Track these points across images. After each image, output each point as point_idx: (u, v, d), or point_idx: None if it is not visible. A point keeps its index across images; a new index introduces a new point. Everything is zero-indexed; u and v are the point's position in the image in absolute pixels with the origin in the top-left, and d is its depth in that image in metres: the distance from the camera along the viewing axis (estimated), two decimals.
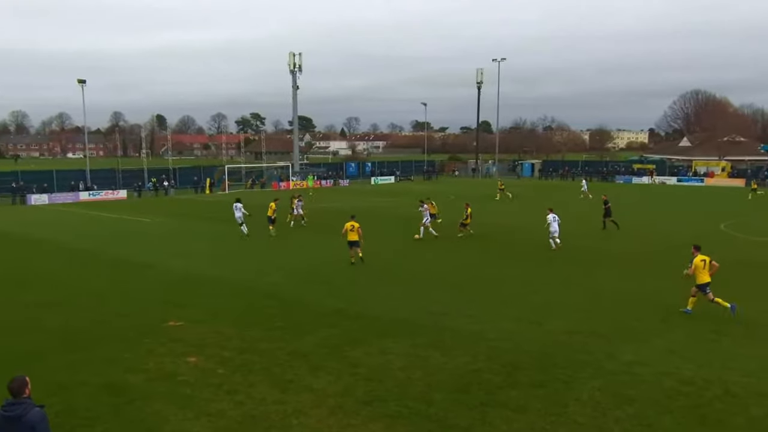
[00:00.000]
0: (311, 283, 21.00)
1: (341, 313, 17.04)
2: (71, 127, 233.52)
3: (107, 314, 17.12)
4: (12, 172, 63.28)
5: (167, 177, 67.91)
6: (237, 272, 22.86)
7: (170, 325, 16.02)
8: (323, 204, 49.84)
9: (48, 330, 15.69)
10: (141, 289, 20.22)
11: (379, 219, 39.25)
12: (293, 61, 78.15)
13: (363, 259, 24.03)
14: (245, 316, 16.85)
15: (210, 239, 31.43)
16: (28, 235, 33.81)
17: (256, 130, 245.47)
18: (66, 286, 20.69)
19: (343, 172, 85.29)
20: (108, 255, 26.87)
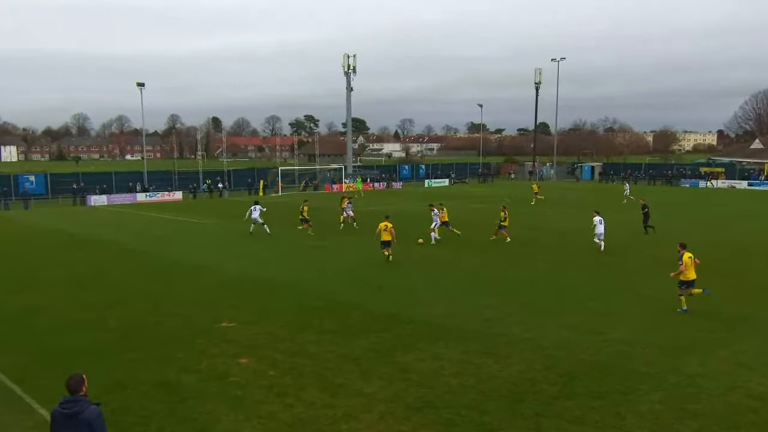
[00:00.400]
0: (362, 286, 21.11)
1: (392, 317, 17.07)
2: (130, 129, 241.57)
3: (162, 314, 17.62)
4: (73, 174, 65.78)
5: (222, 179, 69.39)
6: (288, 274, 23.18)
7: (223, 326, 16.37)
8: (374, 207, 50.02)
9: (108, 329, 16.25)
10: (194, 290, 20.72)
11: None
12: (347, 63, 78.78)
13: (390, 259, 25.23)
14: (296, 318, 17.07)
15: (262, 241, 31.96)
16: (89, 235, 35.07)
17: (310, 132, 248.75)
18: (124, 287, 21.39)
19: (396, 175, 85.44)
20: (163, 256, 27.63)
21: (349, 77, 79.19)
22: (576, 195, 58.61)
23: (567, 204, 51.31)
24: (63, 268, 24.79)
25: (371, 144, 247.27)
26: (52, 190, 60.05)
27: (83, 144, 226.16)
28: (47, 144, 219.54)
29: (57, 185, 60.65)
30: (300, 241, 31.39)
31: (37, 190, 59.31)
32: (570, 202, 52.56)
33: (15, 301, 19.39)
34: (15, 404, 11.54)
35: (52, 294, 20.26)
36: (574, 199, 54.98)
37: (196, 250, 29.47)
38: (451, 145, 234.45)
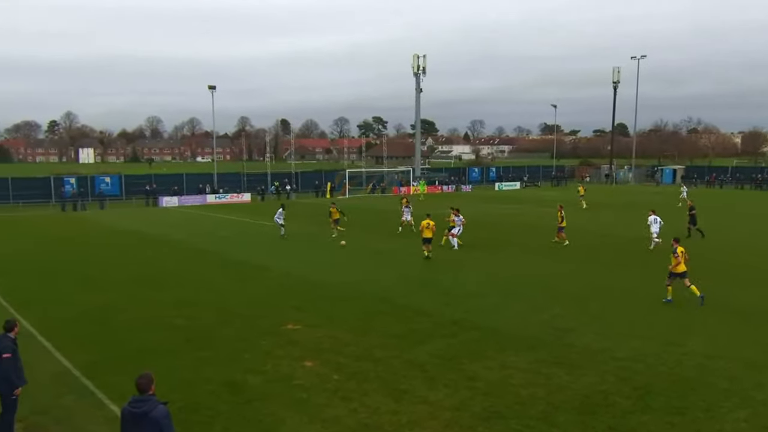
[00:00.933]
0: (427, 290, 21.07)
1: (459, 323, 16.97)
2: (201, 131, 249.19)
3: (229, 314, 18.07)
4: (146, 176, 68.37)
5: (289, 181, 70.66)
6: (352, 277, 23.37)
7: (288, 328, 16.64)
8: (442, 210, 49.83)
9: (176, 328, 16.79)
10: (261, 291, 21.16)
11: (500, 227, 38.72)
12: (417, 64, 78.92)
13: (429, 257, 26.67)
14: (361, 322, 17.19)
15: (327, 243, 32.34)
16: (159, 235, 36.35)
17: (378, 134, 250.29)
18: (193, 286, 22.06)
19: (465, 177, 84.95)
20: (231, 256, 28.34)
21: (419, 78, 79.28)
22: (651, 200, 56.72)
23: (638, 207, 49.69)
24: (134, 267, 25.78)
25: (440, 146, 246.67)
26: (126, 191, 62.57)
27: (156, 146, 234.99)
28: (122, 146, 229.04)
29: (131, 186, 63.18)
30: (363, 244, 31.60)
31: (113, 191, 61.93)
32: (641, 205, 50.97)
33: (90, 298, 20.28)
34: (87, 399, 12.07)
35: (123, 292, 21.09)
36: (647, 203, 53.26)
37: (262, 251, 30.09)
38: (523, 147, 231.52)
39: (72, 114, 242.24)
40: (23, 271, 25.37)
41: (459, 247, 29.63)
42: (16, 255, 29.48)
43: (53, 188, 59.12)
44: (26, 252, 30.39)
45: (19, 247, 32.02)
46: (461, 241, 30.41)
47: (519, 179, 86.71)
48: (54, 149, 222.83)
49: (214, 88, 67.33)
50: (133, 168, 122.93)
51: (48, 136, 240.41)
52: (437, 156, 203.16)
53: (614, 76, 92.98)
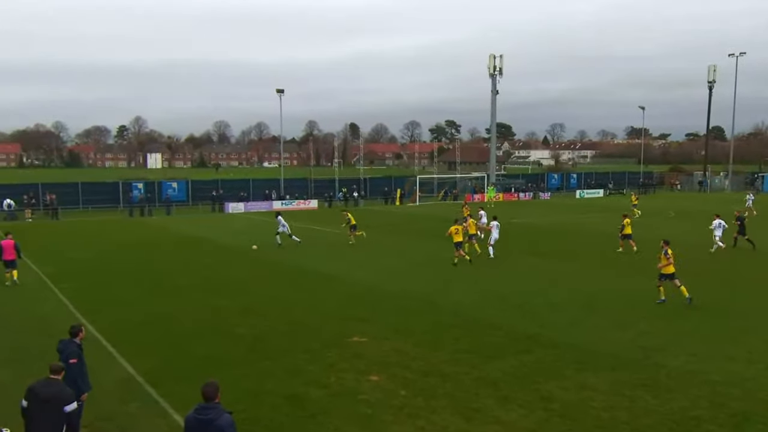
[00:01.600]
0: (500, 303, 20.82)
1: (534, 338, 16.68)
2: (268, 136, 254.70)
3: (293, 324, 18.32)
4: (213, 181, 70.37)
5: (357, 187, 71.28)
6: (422, 287, 23.33)
7: (354, 340, 16.73)
8: (517, 219, 49.25)
9: (238, 337, 17.15)
10: (326, 301, 21.38)
11: (579, 237, 37.89)
12: (493, 64, 78.36)
13: (457, 262, 27.86)
14: (430, 335, 17.11)
15: (395, 252, 32.40)
16: (224, 242, 37.28)
17: (451, 138, 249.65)
18: (255, 294, 22.50)
19: (544, 184, 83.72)
20: (295, 264, 28.76)
21: (495, 79, 78.70)
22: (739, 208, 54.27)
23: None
24: (199, 274, 26.51)
25: (517, 151, 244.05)
26: (193, 196, 64.57)
27: (223, 151, 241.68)
28: (190, 151, 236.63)
29: (197, 192, 65.17)
30: (435, 254, 31.49)
31: (179, 196, 64.02)
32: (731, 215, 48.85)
33: (155, 304, 20.97)
34: (151, 407, 12.45)
35: (188, 299, 21.71)
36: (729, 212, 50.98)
37: (328, 259, 30.42)
38: (607, 152, 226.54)
39: (141, 119, 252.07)
40: (90, 275, 26.47)
41: (494, 257, 29.49)
42: (83, 260, 30.80)
43: (121, 193, 61.65)
44: (93, 257, 31.70)
45: (86, 252, 33.44)
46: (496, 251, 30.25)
47: (602, 186, 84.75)
48: (123, 154, 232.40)
49: (283, 91, 68.85)
50: (200, 173, 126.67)
51: (117, 141, 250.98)
52: (514, 161, 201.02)
53: (710, 75, 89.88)
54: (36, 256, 31.39)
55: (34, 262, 29.62)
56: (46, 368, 9.39)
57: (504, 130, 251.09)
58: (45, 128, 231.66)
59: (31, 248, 34.16)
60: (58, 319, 18.51)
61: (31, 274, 26.74)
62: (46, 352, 10.62)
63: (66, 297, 22.23)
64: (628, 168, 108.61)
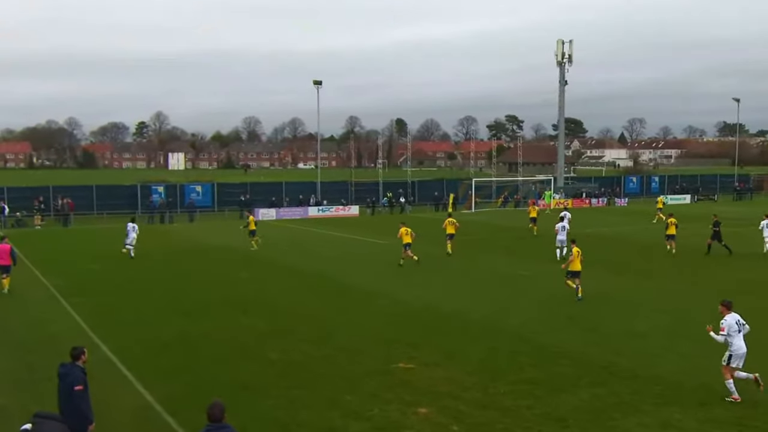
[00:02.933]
0: (570, 326, 20.59)
1: (609, 368, 16.42)
2: (304, 134, 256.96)
3: (331, 348, 18.37)
4: (241, 184, 71.25)
5: (404, 191, 71.35)
6: (479, 307, 23.22)
7: (400, 366, 16.69)
8: (589, 229, 48.60)
9: (269, 361, 17.27)
10: (369, 322, 21.41)
11: (662, 250, 37.15)
12: (561, 51, 77.69)
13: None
14: (488, 362, 16.98)
15: (448, 267, 32.27)
16: (254, 253, 37.65)
17: (512, 136, 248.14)
18: (289, 313, 22.65)
19: (620, 189, 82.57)
20: (335, 280, 28.88)
21: (563, 68, 78.03)
22: None
23: None
24: (226, 289, 26.81)
25: (589, 150, 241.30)
26: (219, 201, 65.48)
27: (253, 150, 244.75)
28: (216, 150, 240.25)
29: (224, 196, 66.09)
30: (494, 269, 31.29)
31: (203, 201, 65.02)
32: None
33: (177, 324, 21.26)
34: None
35: (213, 317, 21.97)
36: None
37: (372, 274, 30.49)
38: (695, 152, 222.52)
39: (162, 115, 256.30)
40: (105, 289, 27.01)
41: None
42: (97, 272, 31.47)
43: (140, 198, 62.84)
44: (108, 269, 32.35)
45: (101, 263, 34.15)
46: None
47: (689, 191, 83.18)
48: (142, 154, 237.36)
49: (320, 83, 69.28)
50: (227, 175, 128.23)
51: (136, 139, 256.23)
52: (585, 162, 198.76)
53: None
54: (45, 266, 32.20)
55: (42, 273, 30.39)
56: (54, 392, 9.56)
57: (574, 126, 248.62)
58: (57, 125, 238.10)
59: (40, 258, 35.06)
60: (68, 338, 18.82)
61: (40, 287, 27.43)
62: (55, 375, 10.81)
63: (77, 313, 22.72)
64: (719, 170, 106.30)
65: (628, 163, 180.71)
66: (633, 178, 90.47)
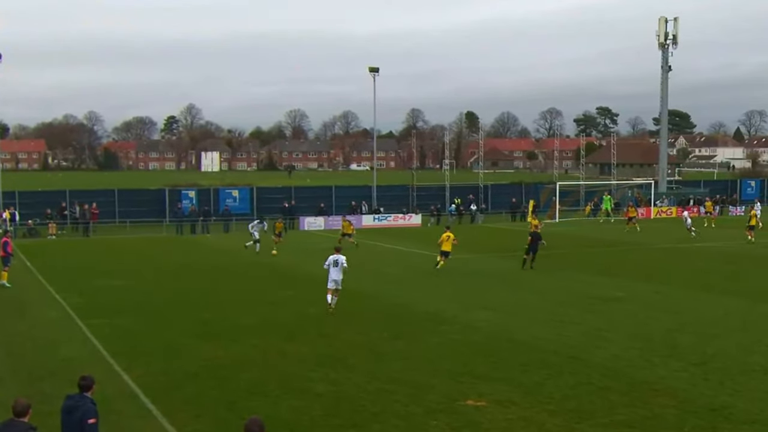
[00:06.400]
0: (673, 359, 20.26)
1: (721, 410, 16.11)
2: (357, 130, 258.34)
3: (387, 380, 18.38)
4: (284, 188, 72.17)
5: (476, 197, 71.11)
6: (566, 335, 23.01)
7: (468, 404, 16.62)
8: (699, 243, 47.72)
9: (316, 395, 17.35)
10: (431, 350, 21.36)
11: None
12: (664, 30, 76.67)
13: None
14: (573, 401, 16.81)
15: (528, 287, 32.02)
16: (299, 269, 37.94)
17: (604, 131, 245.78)
18: (338, 339, 22.73)
19: (736, 195, 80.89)
20: (392, 301, 28.91)
21: (666, 51, 76.99)
22: None
23: None
24: (266, 311, 27.09)
25: (697, 149, 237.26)
26: (258, 208, 66.04)
27: (298, 149, 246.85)
28: (255, 149, 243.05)
29: (264, 203, 66.83)
30: (583, 290, 30.94)
31: (241, 208, 65.91)
32: None
33: (207, 349, 21.53)
34: None
35: (251, 343, 22.17)
36: None
37: (438, 295, 30.42)
38: None
39: (194, 108, 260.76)
40: (128, 311, 27.45)
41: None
42: (119, 289, 32.05)
43: (168, 204, 63.88)
44: (132, 286, 32.96)
45: (123, 279, 34.79)
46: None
47: None
48: (171, 153, 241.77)
49: (377, 70, 69.55)
50: (268, 178, 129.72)
51: (164, 136, 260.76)
52: (693, 163, 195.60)
53: None
54: (60, 282, 32.96)
55: (57, 290, 31.12)
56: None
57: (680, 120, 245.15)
58: (76, 120, 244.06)
59: (54, 272, 35.89)
60: (85, 364, 19.24)
61: (54, 306, 28.11)
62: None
63: (96, 336, 23.17)
64: None
65: (745, 164, 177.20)
66: (751, 182, 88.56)
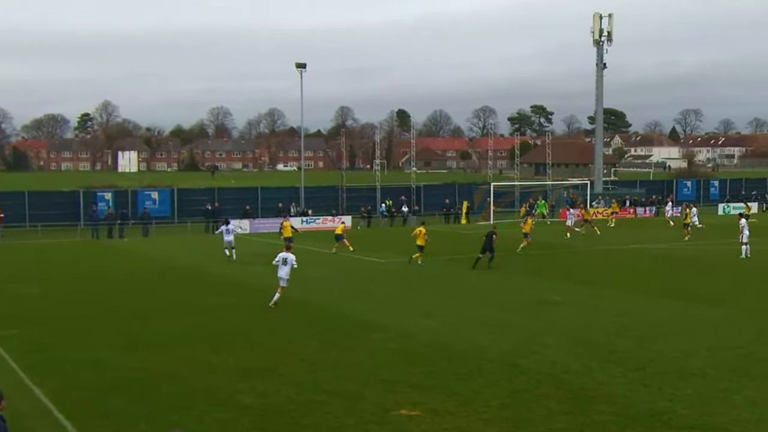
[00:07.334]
0: (613, 364, 20.56)
1: (660, 416, 16.39)
2: (284, 128, 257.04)
3: (317, 391, 18.29)
4: (207, 190, 71.32)
5: (408, 198, 71.28)
6: (500, 341, 23.21)
7: (402, 414, 16.64)
8: (635, 245, 48.61)
9: (243, 407, 17.19)
10: (364, 359, 21.34)
11: (731, 270, 37.11)
12: (599, 27, 77.89)
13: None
14: (510, 409, 16.93)
15: (462, 292, 32.23)
16: (224, 275, 37.60)
17: (539, 130, 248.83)
18: (269, 348, 22.57)
19: (673, 195, 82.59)
20: (323, 308, 28.80)
21: (601, 49, 78.29)
22: None
23: None
24: (190, 320, 26.73)
25: (633, 148, 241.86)
26: (179, 211, 65.54)
27: (222, 149, 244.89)
28: (176, 149, 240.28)
29: (186, 205, 66.24)
30: (520, 294, 31.25)
31: (161, 210, 65.09)
32: None
33: (127, 361, 21.18)
34: None
35: (174, 354, 21.88)
36: None
37: (371, 301, 30.48)
38: (764, 150, 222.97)
39: (110, 105, 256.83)
40: (42, 321, 26.81)
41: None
42: (30, 298, 31.27)
43: (82, 206, 62.70)
44: (44, 294, 32.19)
45: (35, 287, 33.96)
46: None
47: (758, 199, 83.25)
48: (85, 152, 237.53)
49: (304, 67, 69.23)
50: (190, 179, 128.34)
51: (78, 134, 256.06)
52: (629, 163, 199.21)
53: None
54: None
55: None
56: None
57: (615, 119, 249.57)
58: None
59: None
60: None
61: None
62: None
63: (6, 349, 22.58)
64: None
65: (681, 164, 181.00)
66: (687, 182, 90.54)
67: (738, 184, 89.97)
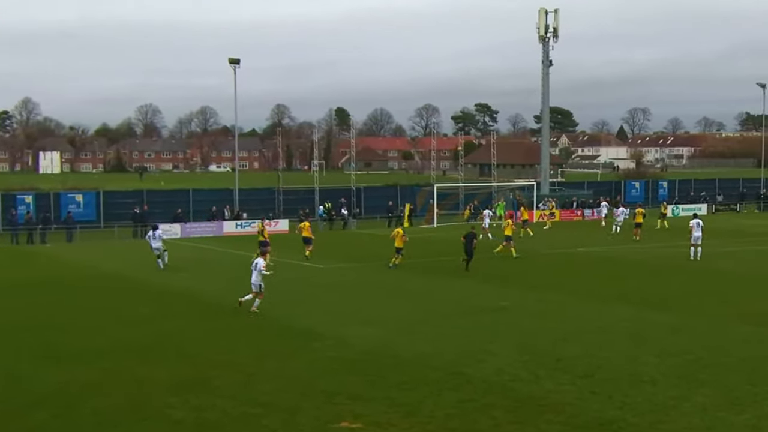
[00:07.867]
0: (560, 372, 20.74)
1: (610, 426, 16.55)
2: (217, 127, 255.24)
3: (253, 404, 18.19)
4: (135, 192, 70.46)
5: (348, 201, 71.20)
6: (445, 349, 23.27)
7: (343, 426, 16.62)
8: (583, 248, 49.11)
9: (172, 421, 17.03)
10: (302, 370, 21.28)
11: (681, 273, 37.67)
12: (544, 23, 78.64)
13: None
14: (456, 419, 16.99)
15: (405, 298, 32.31)
16: (154, 282, 37.20)
17: (484, 130, 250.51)
18: (203, 359, 22.39)
19: (620, 196, 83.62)
20: (259, 316, 28.63)
21: (547, 45, 79.08)
22: None
23: None
24: (117, 331, 26.39)
25: (581, 148, 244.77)
26: (106, 215, 64.64)
27: (150, 149, 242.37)
28: (102, 149, 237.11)
29: (112, 208, 65.32)
30: (465, 300, 31.40)
31: (86, 214, 64.09)
32: None
33: (50, 374, 20.82)
34: None
35: (100, 366, 21.57)
36: None
37: (310, 308, 30.43)
38: (712, 150, 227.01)
39: (31, 102, 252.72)
40: None
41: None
42: None
43: (1, 210, 61.60)
44: None
45: None
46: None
47: (706, 200, 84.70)
48: (3, 153, 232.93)
49: (238, 62, 68.75)
50: (117, 181, 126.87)
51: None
52: (576, 164, 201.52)
53: None
54: None
55: None
56: None
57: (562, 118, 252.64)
58: None
59: None
60: None
61: None
62: None
63: None
64: (743, 173, 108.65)
65: (629, 165, 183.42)
66: (635, 183, 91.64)
67: (687, 185, 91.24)
